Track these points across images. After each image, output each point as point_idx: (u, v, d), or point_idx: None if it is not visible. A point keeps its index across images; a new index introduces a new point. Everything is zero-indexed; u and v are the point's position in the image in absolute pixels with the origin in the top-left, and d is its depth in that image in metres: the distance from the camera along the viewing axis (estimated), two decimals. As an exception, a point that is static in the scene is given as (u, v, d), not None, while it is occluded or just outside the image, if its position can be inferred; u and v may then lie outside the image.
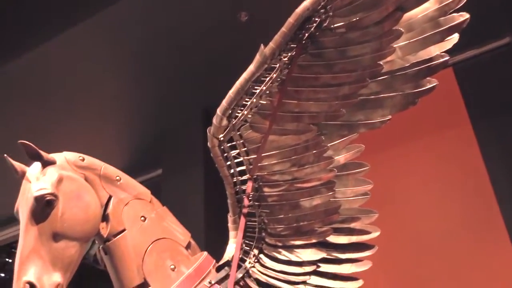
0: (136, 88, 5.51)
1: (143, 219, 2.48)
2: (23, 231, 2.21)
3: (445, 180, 4.59)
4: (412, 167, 4.81)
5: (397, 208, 4.63)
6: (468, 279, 4.16)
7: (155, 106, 5.67)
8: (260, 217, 2.65)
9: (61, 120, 5.65)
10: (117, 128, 5.98)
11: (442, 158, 4.68)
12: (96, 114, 5.72)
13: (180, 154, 5.66)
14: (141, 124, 5.95)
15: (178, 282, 2.39)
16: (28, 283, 2.06)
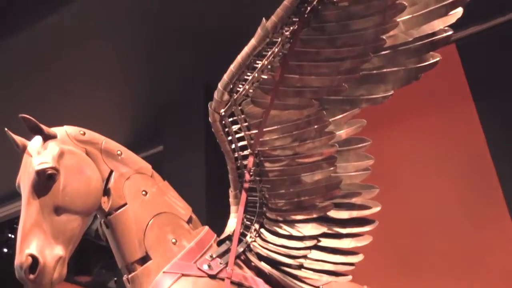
0: (136, 64, 5.48)
1: (145, 193, 2.49)
2: (24, 205, 2.22)
3: (446, 157, 4.59)
4: (413, 143, 4.80)
5: (398, 184, 4.63)
6: (468, 253, 4.18)
7: (156, 82, 5.64)
8: (261, 192, 2.66)
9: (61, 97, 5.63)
10: (117, 104, 5.96)
11: (443, 134, 4.67)
12: (96, 91, 5.70)
13: (181, 131, 5.65)
14: (142, 100, 5.92)
15: (179, 255, 2.41)
16: (31, 256, 2.07)
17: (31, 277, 2.07)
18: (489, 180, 4.27)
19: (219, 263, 2.44)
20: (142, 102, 5.91)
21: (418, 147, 4.76)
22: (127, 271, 2.41)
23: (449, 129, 4.65)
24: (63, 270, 2.16)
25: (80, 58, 5.22)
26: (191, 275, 2.35)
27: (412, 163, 4.73)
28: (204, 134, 5.22)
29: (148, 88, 5.76)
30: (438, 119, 4.73)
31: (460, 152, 4.55)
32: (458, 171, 4.51)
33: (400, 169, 4.72)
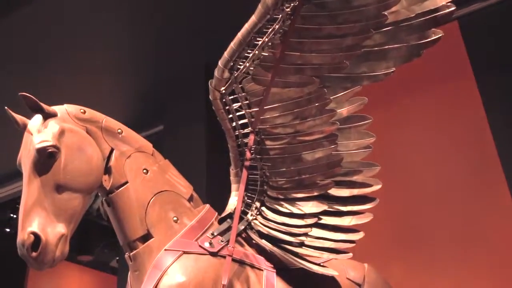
0: (136, 43, 5.44)
1: (146, 172, 2.48)
2: (26, 183, 2.22)
3: (447, 134, 4.58)
4: (414, 120, 4.80)
5: (399, 161, 4.64)
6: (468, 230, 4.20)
7: (156, 61, 5.61)
8: (262, 170, 2.66)
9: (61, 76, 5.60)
10: (117, 84, 5.94)
11: (444, 112, 4.66)
12: (96, 70, 5.67)
13: (181, 110, 5.63)
14: (142, 79, 5.90)
15: (181, 233, 2.41)
16: (33, 234, 2.07)
17: (33, 255, 2.07)
18: (489, 157, 4.27)
19: (220, 241, 2.45)
20: (142, 81, 5.89)
21: (419, 124, 4.75)
22: (129, 249, 2.42)
23: (450, 106, 4.64)
24: (65, 248, 2.17)
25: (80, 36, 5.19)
26: (193, 253, 2.35)
27: (413, 140, 4.73)
28: (205, 113, 5.20)
29: (148, 67, 5.72)
30: (439, 96, 4.72)
31: (461, 129, 4.54)
32: (459, 148, 4.51)
33: (401, 147, 4.72)
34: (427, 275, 4.18)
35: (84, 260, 9.70)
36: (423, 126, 4.72)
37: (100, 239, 8.98)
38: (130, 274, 2.44)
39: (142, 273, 2.34)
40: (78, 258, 9.58)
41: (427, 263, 4.22)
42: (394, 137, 4.64)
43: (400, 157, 4.68)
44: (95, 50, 5.39)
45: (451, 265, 4.13)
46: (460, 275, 4.08)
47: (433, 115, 4.70)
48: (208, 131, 5.18)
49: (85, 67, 5.56)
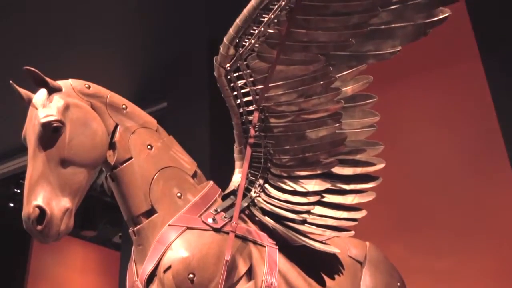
0: (140, 19, 5.41)
1: (150, 148, 2.49)
2: (31, 157, 2.23)
3: (451, 114, 4.58)
4: (419, 100, 4.79)
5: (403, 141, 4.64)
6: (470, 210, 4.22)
7: (160, 37, 5.58)
8: (265, 147, 2.66)
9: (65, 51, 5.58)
10: (120, 60, 5.92)
11: (449, 92, 4.64)
12: (100, 46, 5.65)
13: (185, 87, 5.62)
14: (146, 56, 5.88)
15: (184, 209, 2.43)
16: (38, 207, 2.09)
17: (38, 228, 2.09)
18: (493, 138, 4.27)
19: (224, 217, 2.46)
20: (146, 58, 5.87)
21: (424, 104, 4.74)
22: (133, 224, 2.44)
23: (456, 86, 4.62)
24: (70, 222, 2.19)
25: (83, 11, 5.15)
26: (196, 229, 2.37)
27: (418, 120, 4.72)
28: (208, 90, 5.19)
29: (151, 44, 5.70)
30: (445, 76, 4.70)
31: (466, 109, 4.53)
32: (463, 129, 4.51)
33: (406, 126, 4.72)
34: (428, 254, 4.21)
35: (87, 235, 9.79)
36: (428, 106, 4.70)
37: (103, 215, 9.04)
38: (134, 249, 2.47)
39: (145, 247, 2.37)
40: (82, 233, 9.66)
41: (429, 242, 4.24)
42: (398, 116, 4.63)
43: (404, 136, 4.68)
44: (98, 26, 5.37)
45: (452, 245, 4.15)
46: (461, 254, 4.11)
47: (438, 95, 4.69)
48: (212, 108, 5.17)
49: (88, 44, 5.54)
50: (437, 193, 4.40)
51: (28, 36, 5.37)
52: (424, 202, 4.41)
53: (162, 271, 2.26)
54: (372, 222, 3.16)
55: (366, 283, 2.92)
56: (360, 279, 2.92)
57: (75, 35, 5.43)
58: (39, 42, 5.42)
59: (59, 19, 5.21)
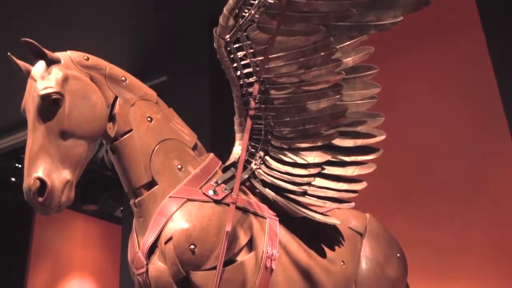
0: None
1: (150, 120, 2.48)
2: (30, 130, 2.22)
3: (452, 86, 4.56)
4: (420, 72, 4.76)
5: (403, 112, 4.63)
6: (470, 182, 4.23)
7: (160, 9, 5.52)
8: (266, 119, 2.65)
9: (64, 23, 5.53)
10: (120, 33, 5.87)
11: (451, 64, 4.62)
12: (99, 19, 5.60)
13: (185, 60, 5.58)
14: (145, 29, 5.82)
15: (185, 181, 2.43)
16: (38, 179, 2.09)
17: (39, 200, 2.09)
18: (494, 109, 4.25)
19: (224, 189, 2.47)
20: (145, 31, 5.81)
21: (425, 75, 4.72)
22: (133, 196, 2.44)
23: (457, 57, 4.59)
24: (71, 194, 2.19)
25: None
26: (197, 200, 2.38)
27: (419, 92, 4.70)
28: (208, 63, 5.16)
29: (151, 16, 5.64)
30: (446, 48, 4.66)
31: (466, 81, 4.51)
32: (464, 102, 4.49)
33: (406, 97, 4.70)
34: (428, 226, 4.24)
35: (89, 209, 9.84)
36: (429, 77, 4.68)
37: (104, 189, 9.08)
38: (135, 221, 2.48)
39: (146, 219, 2.38)
40: (83, 207, 9.72)
41: (429, 214, 4.26)
42: (399, 88, 4.61)
43: (404, 108, 4.66)
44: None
45: (452, 217, 4.17)
46: (461, 226, 4.13)
47: (438, 66, 4.66)
48: (212, 80, 5.14)
49: (87, 16, 5.48)
50: (437, 165, 4.40)
51: (26, 8, 5.31)
52: (424, 174, 4.42)
53: (164, 242, 2.27)
54: (372, 194, 3.17)
55: (366, 254, 2.94)
56: (360, 250, 2.94)
57: (75, 8, 5.37)
58: (37, 14, 5.36)
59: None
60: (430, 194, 4.31)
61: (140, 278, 2.36)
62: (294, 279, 2.54)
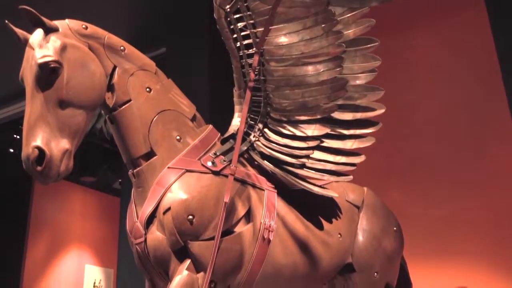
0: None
1: (149, 90, 2.47)
2: (29, 98, 2.21)
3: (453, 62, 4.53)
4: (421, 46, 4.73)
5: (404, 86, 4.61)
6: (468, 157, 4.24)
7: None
8: (265, 91, 2.64)
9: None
10: (119, 3, 5.80)
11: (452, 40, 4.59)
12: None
13: (184, 31, 5.52)
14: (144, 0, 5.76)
15: (184, 152, 2.43)
16: (37, 148, 2.08)
17: (38, 169, 2.09)
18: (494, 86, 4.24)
19: (223, 161, 2.47)
20: (144, 2, 5.74)
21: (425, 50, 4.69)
22: (132, 166, 2.44)
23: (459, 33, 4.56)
24: (70, 163, 2.19)
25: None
26: (195, 171, 2.38)
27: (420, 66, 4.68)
28: (208, 34, 5.11)
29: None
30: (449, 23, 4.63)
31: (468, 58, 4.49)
32: (465, 77, 4.48)
33: (407, 71, 4.68)
34: (426, 201, 4.26)
35: (87, 181, 9.87)
36: (429, 52, 4.65)
37: (103, 161, 9.09)
38: (134, 191, 2.49)
39: (145, 189, 2.38)
40: (82, 179, 9.74)
41: (426, 189, 4.28)
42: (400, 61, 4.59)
43: (405, 82, 4.64)
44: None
45: (449, 193, 4.19)
46: (458, 203, 4.15)
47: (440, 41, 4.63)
48: (212, 52, 5.10)
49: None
50: (437, 141, 4.41)
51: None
52: (423, 150, 4.43)
53: (162, 213, 2.28)
54: (370, 168, 3.18)
55: (363, 227, 2.96)
56: (357, 223, 2.97)
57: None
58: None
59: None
60: (428, 169, 4.33)
61: (138, 247, 2.37)
62: (291, 250, 2.57)
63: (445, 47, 4.61)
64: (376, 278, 2.93)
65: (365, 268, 2.90)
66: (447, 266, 4.05)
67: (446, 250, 4.07)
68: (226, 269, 2.32)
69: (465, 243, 4.01)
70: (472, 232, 4.01)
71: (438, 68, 4.58)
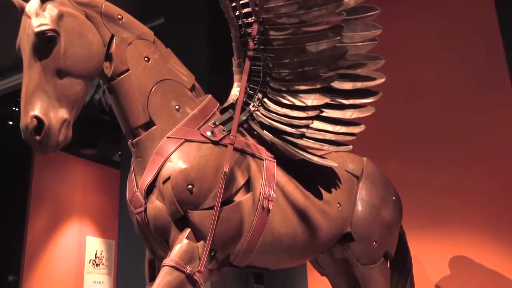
0: None
1: (147, 60, 2.45)
2: (26, 68, 2.19)
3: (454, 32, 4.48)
4: (422, 15, 4.68)
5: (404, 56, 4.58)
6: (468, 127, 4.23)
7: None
8: (265, 61, 2.62)
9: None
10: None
11: (454, 9, 4.53)
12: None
13: (183, 1, 5.46)
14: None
15: (183, 122, 2.42)
16: (35, 118, 2.07)
17: (37, 139, 2.08)
18: (494, 54, 4.21)
19: (222, 130, 2.46)
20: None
21: (427, 19, 4.64)
22: (131, 136, 2.44)
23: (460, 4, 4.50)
24: (69, 133, 2.18)
25: None
26: (195, 141, 2.38)
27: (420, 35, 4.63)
28: (206, 3, 5.05)
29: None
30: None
31: (469, 25, 4.43)
32: (465, 45, 4.43)
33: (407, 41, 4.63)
34: (425, 170, 4.27)
35: (87, 153, 9.88)
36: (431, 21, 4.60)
37: (103, 134, 9.07)
38: (133, 161, 2.49)
39: (144, 159, 2.38)
40: (82, 151, 9.75)
41: (425, 159, 4.28)
42: (401, 30, 4.54)
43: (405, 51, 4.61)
44: None
45: (448, 161, 4.19)
46: (456, 171, 4.16)
47: (442, 10, 4.57)
48: (210, 21, 5.04)
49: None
50: (436, 110, 4.39)
51: None
52: (422, 119, 4.42)
53: (162, 182, 2.29)
54: (370, 138, 3.18)
55: (362, 197, 2.98)
56: (357, 193, 2.98)
57: None
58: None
59: None
60: (427, 138, 4.32)
61: (138, 217, 2.38)
62: (291, 220, 2.58)
63: (445, 14, 4.55)
64: (375, 247, 2.96)
65: (364, 238, 2.93)
66: (445, 234, 4.07)
67: (444, 218, 4.09)
68: (225, 238, 2.34)
69: (463, 211, 4.02)
70: (471, 200, 4.02)
71: (439, 36, 4.53)
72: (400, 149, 4.43)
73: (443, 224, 4.11)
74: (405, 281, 3.41)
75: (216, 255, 2.32)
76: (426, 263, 4.05)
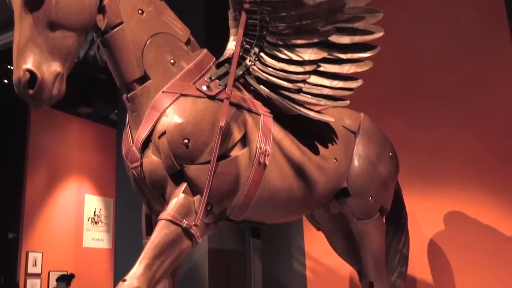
0: None
1: (141, 12, 2.40)
2: (17, 21, 2.15)
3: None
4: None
5: (404, 9, 4.50)
6: (467, 85, 4.20)
7: None
8: (261, 14, 2.56)
9: None
10: None
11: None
12: None
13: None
14: None
15: (178, 76, 2.39)
16: (28, 71, 2.04)
17: (30, 92, 2.05)
18: (494, 12, 4.15)
19: (218, 85, 2.44)
20: None
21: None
22: (126, 90, 2.41)
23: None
24: (62, 87, 2.15)
25: None
26: (190, 95, 2.35)
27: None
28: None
29: None
30: None
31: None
32: (466, 7, 4.35)
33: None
34: (422, 126, 4.25)
35: (84, 112, 9.84)
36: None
37: (99, 92, 9.01)
38: (128, 115, 2.47)
39: (140, 114, 2.36)
40: (78, 110, 9.71)
41: (423, 116, 4.26)
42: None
43: (404, 3, 4.53)
44: None
45: (445, 118, 4.17)
46: (455, 128, 4.14)
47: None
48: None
49: None
50: (434, 66, 4.34)
51: None
52: (420, 75, 4.37)
53: (157, 137, 2.28)
54: (367, 93, 3.15)
55: (359, 152, 2.98)
56: (353, 149, 2.98)
57: None
58: None
59: None
60: (425, 96, 4.28)
61: (134, 171, 2.38)
62: (287, 174, 2.58)
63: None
64: (371, 202, 2.98)
65: (360, 193, 2.94)
66: (441, 190, 4.09)
67: (441, 174, 4.09)
68: (222, 192, 2.34)
69: (460, 168, 4.02)
70: (467, 158, 4.02)
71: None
72: (398, 105, 4.40)
73: (438, 180, 4.12)
74: (400, 235, 3.45)
75: (212, 209, 2.33)
76: (421, 219, 4.09)
